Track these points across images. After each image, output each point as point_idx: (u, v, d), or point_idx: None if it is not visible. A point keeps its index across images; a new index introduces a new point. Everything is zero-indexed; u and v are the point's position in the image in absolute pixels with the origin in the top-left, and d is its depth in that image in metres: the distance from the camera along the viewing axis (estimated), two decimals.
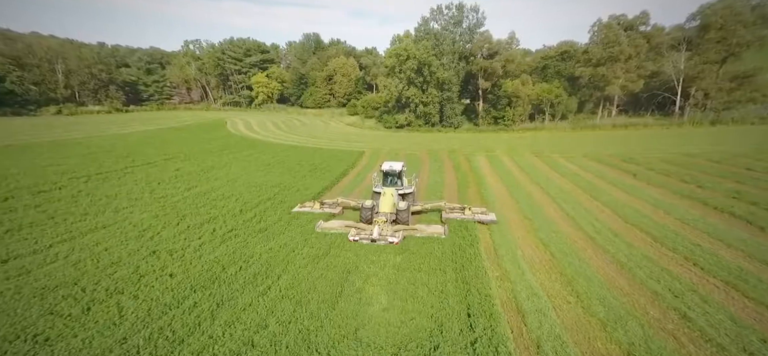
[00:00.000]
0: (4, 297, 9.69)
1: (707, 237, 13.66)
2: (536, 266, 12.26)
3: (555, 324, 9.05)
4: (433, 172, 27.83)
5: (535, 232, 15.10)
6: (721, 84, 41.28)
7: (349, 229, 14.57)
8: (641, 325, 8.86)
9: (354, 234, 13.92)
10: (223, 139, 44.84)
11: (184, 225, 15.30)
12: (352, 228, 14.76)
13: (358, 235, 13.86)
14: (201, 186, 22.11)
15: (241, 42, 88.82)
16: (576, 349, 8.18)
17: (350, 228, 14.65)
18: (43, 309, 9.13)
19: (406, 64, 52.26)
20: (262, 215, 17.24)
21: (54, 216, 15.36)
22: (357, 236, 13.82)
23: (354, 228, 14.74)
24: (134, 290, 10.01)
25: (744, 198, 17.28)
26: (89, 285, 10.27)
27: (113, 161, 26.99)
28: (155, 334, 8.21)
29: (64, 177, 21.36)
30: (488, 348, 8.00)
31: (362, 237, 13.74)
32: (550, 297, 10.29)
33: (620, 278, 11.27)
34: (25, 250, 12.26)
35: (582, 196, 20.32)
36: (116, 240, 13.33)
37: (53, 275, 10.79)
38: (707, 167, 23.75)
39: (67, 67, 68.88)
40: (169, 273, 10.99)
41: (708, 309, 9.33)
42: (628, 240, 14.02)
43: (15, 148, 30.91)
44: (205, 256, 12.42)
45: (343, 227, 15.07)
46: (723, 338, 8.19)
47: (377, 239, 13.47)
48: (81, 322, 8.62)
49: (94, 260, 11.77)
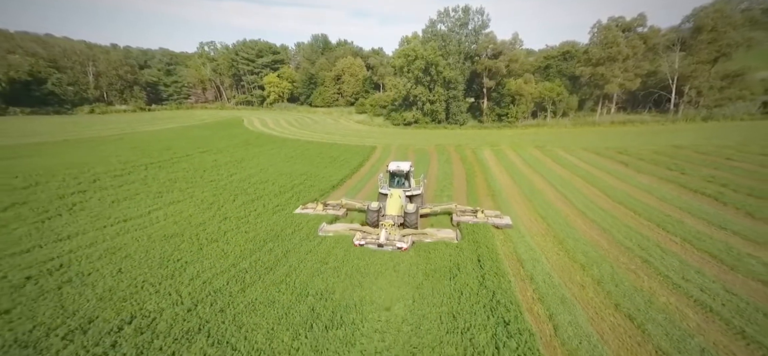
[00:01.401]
0: (142, 242, 13.08)
1: (678, 210, 16.34)
2: (534, 232, 14.98)
3: (545, 267, 11.83)
4: (441, 163, 30.56)
5: (534, 209, 17.79)
6: (712, 82, 43.71)
7: (354, 233, 13.78)
8: (611, 266, 11.62)
9: (359, 238, 13.20)
10: (243, 135, 47.97)
11: (239, 201, 18.33)
12: (357, 231, 13.98)
13: (364, 239, 13.18)
14: (239, 174, 25.13)
15: (254, 43, 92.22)
16: (559, 280, 10.96)
17: (356, 232, 13.88)
18: (172, 247, 12.58)
19: (414, 64, 55.03)
20: (297, 195, 20.20)
21: (138, 193, 18.63)
22: (363, 240, 13.12)
23: (359, 231, 13.95)
24: (225, 240, 13.22)
25: (717, 181, 19.86)
26: (192, 236, 13.53)
27: (158, 153, 30.19)
28: (254, 263, 11.47)
29: (128, 165, 24.62)
30: (494, 278, 10.79)
31: (368, 241, 13.08)
32: (543, 252, 13.05)
33: (601, 239, 13.99)
34: (133, 214, 15.64)
35: (578, 182, 22.94)
36: (194, 210, 16.53)
37: (164, 230, 14.17)
38: (692, 157, 26.27)
39: (97, 69, 73.83)
40: (244, 231, 14.08)
41: (665, 256, 12.06)
42: (613, 214, 16.71)
43: (71, 143, 34.34)
44: (264, 222, 15.43)
45: (347, 230, 14.31)
46: (670, 273, 10.92)
47: (384, 244, 12.82)
48: (200, 255, 11.96)
49: (186, 221, 15.04)
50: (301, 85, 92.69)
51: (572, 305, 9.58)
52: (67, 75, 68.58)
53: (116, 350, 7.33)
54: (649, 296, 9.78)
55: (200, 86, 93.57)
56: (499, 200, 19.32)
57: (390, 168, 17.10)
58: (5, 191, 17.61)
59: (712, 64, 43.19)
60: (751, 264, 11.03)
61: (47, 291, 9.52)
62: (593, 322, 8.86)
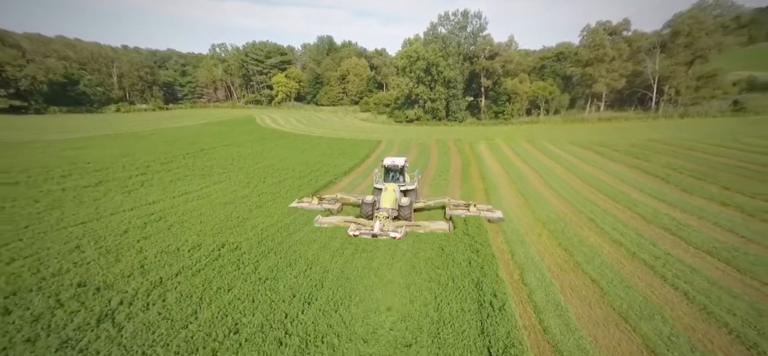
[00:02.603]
0: (207, 206, 17.02)
1: (630, 187, 20.05)
2: (512, 205, 18.50)
3: (515, 225, 15.46)
4: (441, 154, 34.30)
5: (518, 191, 21.25)
6: (689, 82, 47.41)
7: (348, 225, 14.17)
8: (564, 223, 15.30)
9: (354, 229, 13.56)
10: (258, 131, 51.92)
11: (268, 182, 22.20)
12: (351, 223, 14.36)
13: (358, 230, 13.52)
14: (263, 163, 28.98)
15: (263, 45, 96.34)
16: (523, 231, 14.63)
17: (350, 223, 14.23)
18: (229, 211, 16.44)
19: (416, 65, 58.79)
20: (317, 177, 24.05)
21: (186, 175, 22.58)
22: (357, 231, 13.46)
23: (353, 223, 14.32)
24: (266, 207, 17.07)
25: (670, 166, 23.55)
26: (241, 204, 17.35)
27: (188, 146, 34.20)
28: (293, 220, 15.26)
29: (169, 155, 28.64)
30: (474, 227, 14.52)
31: (363, 232, 13.44)
32: (516, 216, 16.67)
33: (564, 207, 17.59)
34: (191, 190, 19.59)
35: (559, 169, 26.57)
36: (235, 187, 20.44)
37: (219, 199, 18.11)
38: (660, 148, 29.94)
39: (120, 70, 79.03)
40: (278, 202, 17.93)
41: (605, 216, 15.77)
42: (579, 191, 20.36)
43: (113, 137, 38.50)
44: (292, 196, 19.22)
45: (342, 222, 14.69)
46: (603, 225, 14.58)
47: (378, 234, 13.28)
48: (251, 215, 15.81)
49: (232, 194, 18.95)
50: (308, 85, 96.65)
51: (528, 245, 13.30)
52: (95, 76, 74.48)
53: (223, 258, 11.30)
54: (582, 238, 13.54)
55: (212, 86, 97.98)
56: (489, 183, 22.93)
57: (385, 163, 17.54)
58: (88, 173, 21.74)
59: (688, 65, 46.90)
60: (663, 219, 14.78)
61: (162, 229, 13.74)
62: (539, 253, 12.59)
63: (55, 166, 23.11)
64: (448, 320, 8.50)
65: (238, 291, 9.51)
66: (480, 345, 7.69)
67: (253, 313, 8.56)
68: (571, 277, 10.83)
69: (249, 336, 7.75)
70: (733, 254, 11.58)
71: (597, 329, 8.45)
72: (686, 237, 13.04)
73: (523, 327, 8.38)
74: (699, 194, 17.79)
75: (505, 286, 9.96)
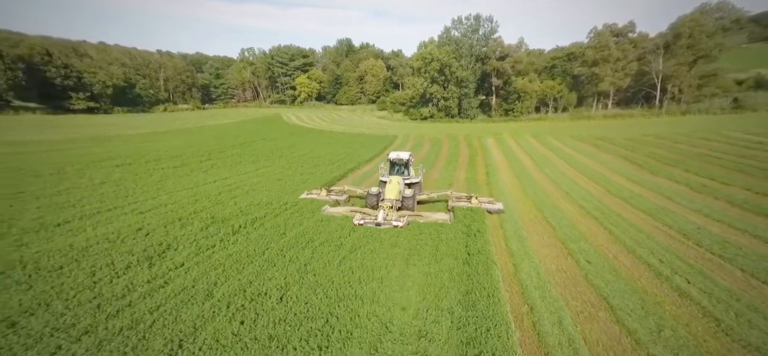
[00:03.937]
0: (265, 181, 21.85)
1: (612, 172, 23.71)
2: (509, 186, 22.58)
3: (514, 208, 19.61)
4: (451, 147, 38.46)
5: (515, 175, 25.30)
6: (691, 81, 49.41)
7: (354, 214, 14.84)
8: (548, 198, 19.37)
9: (359, 219, 14.18)
10: (286, 127, 57.58)
11: (306, 167, 27.12)
12: (357, 212, 15.05)
13: (363, 219, 14.17)
14: (297, 153, 34.07)
15: (287, 48, 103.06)
16: (514, 206, 18.83)
17: (356, 213, 14.96)
18: (282, 185, 21.17)
19: (431, 66, 62.98)
20: (344, 163, 28.77)
21: (241, 161, 27.92)
22: (362, 220, 14.08)
23: (359, 212, 14.99)
24: (307, 184, 21.67)
25: (652, 156, 26.91)
26: (289, 181, 22.23)
27: (233, 139, 39.92)
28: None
29: (220, 146, 34.34)
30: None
31: (367, 221, 14.05)
32: (511, 194, 20.75)
33: (551, 187, 21.47)
34: (248, 170, 24.78)
35: (556, 160, 30.20)
36: (281, 170, 25.47)
37: (273, 176, 23.11)
38: (650, 141, 33.03)
39: (166, 74, 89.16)
40: (318, 179, 22.79)
41: (582, 193, 19.69)
42: (568, 175, 24.14)
43: (173, 132, 45.09)
44: (327, 176, 24.08)
45: (348, 212, 15.34)
46: (579, 200, 18.55)
47: (382, 223, 13.84)
48: (300, 188, 20.45)
49: (281, 174, 23.96)
50: (328, 85, 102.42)
51: (513, 210, 17.53)
52: (147, 80, 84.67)
53: (288, 211, 16.14)
54: (562, 211, 17.51)
55: (241, 87, 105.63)
56: (491, 168, 26.96)
57: (390, 156, 18.29)
58: (168, 158, 27.51)
59: (690, 65, 48.94)
60: (628, 195, 18.58)
61: (242, 193, 18.82)
62: (525, 223, 16.47)
63: (145, 153, 29.08)
64: (445, 251, 12.94)
65: (304, 227, 14.24)
66: (462, 250, 12.13)
67: (317, 236, 13.30)
68: (536, 225, 15.08)
69: (316, 247, 12.46)
70: (665, 214, 15.46)
71: (545, 250, 12.70)
72: (635, 204, 16.95)
73: (492, 243, 12.78)
74: (662, 175, 21.41)
75: (486, 227, 14.33)
